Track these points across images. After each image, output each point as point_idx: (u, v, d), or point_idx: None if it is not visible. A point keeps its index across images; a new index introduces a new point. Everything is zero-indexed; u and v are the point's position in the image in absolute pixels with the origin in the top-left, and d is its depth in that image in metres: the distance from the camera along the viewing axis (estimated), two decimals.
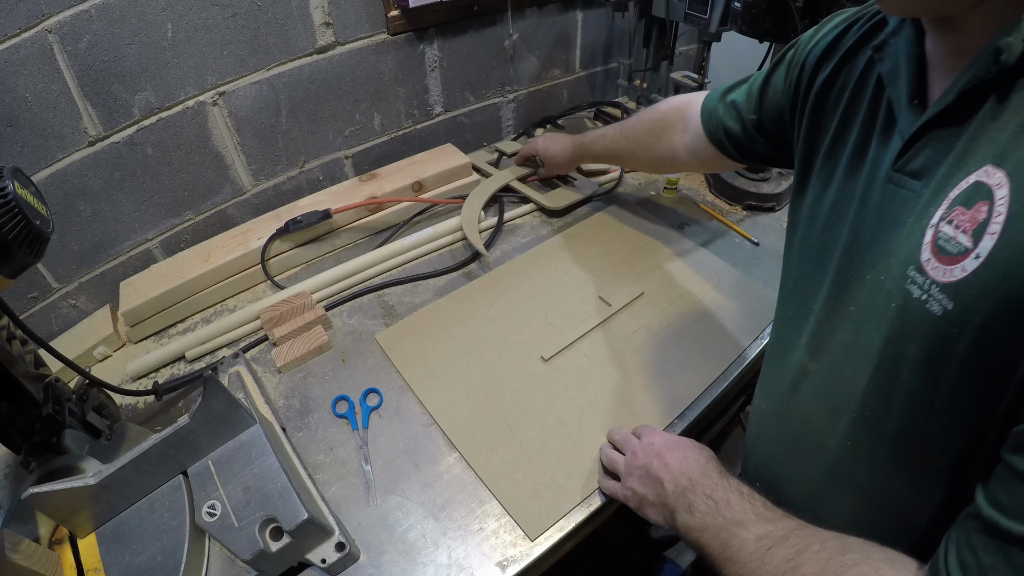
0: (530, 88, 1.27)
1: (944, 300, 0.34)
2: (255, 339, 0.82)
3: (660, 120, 0.83)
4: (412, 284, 0.91)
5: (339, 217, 0.95)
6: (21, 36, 0.68)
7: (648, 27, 1.13)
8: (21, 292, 0.80)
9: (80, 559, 0.56)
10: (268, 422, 0.66)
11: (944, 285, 0.34)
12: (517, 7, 1.12)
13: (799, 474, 0.53)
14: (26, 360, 0.56)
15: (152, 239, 0.92)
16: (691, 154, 0.78)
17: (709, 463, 0.53)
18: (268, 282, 0.92)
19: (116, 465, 0.55)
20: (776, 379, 0.55)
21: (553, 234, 0.99)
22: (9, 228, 0.44)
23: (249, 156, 0.96)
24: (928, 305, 0.35)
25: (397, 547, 0.58)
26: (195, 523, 0.56)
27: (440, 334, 0.80)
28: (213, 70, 0.85)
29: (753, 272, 0.90)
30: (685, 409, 0.70)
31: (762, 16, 0.81)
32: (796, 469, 0.53)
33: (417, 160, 1.07)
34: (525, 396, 0.72)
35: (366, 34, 0.98)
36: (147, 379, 0.79)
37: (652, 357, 0.76)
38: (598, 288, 0.86)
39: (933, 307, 0.35)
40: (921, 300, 0.36)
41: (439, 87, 1.13)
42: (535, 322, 0.81)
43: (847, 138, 0.48)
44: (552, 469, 0.64)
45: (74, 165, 0.79)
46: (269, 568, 0.54)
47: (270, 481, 0.57)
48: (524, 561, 0.57)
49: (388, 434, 0.69)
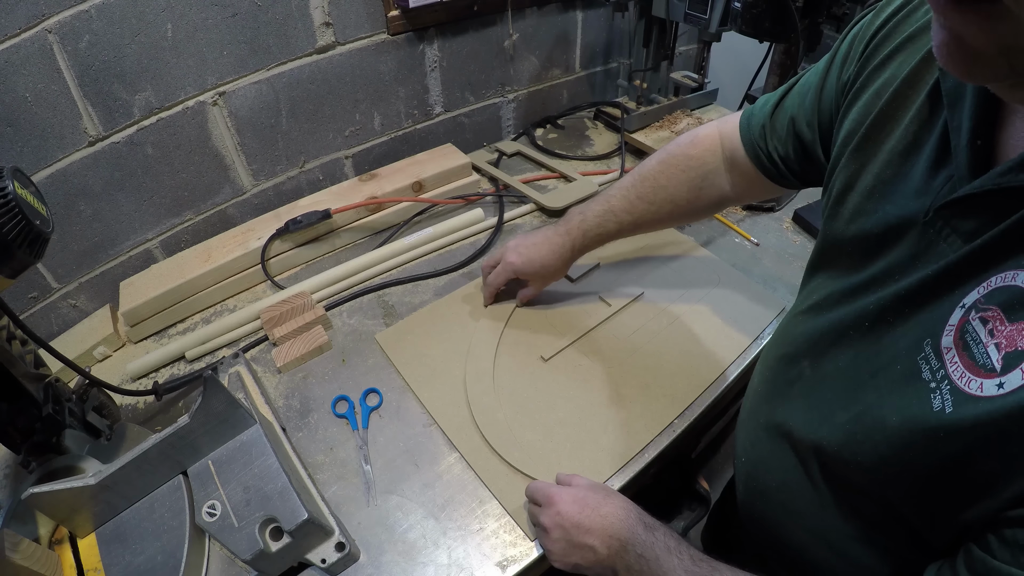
0: (530, 88, 1.27)
1: (949, 401, 0.32)
2: (255, 339, 0.82)
3: (696, 168, 0.67)
4: (412, 284, 0.91)
5: (339, 217, 0.95)
6: (21, 36, 0.68)
7: (648, 27, 1.13)
8: (21, 292, 0.80)
9: (80, 559, 0.56)
10: (268, 422, 0.66)
11: (956, 389, 0.32)
12: (517, 7, 1.12)
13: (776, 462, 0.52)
14: (26, 360, 0.56)
15: (152, 239, 0.92)
16: (742, 191, 0.67)
17: (629, 516, 0.51)
18: (268, 282, 0.92)
19: (116, 465, 0.55)
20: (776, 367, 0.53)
21: None
22: (9, 228, 0.44)
23: (249, 156, 0.96)
24: (932, 394, 0.33)
25: (397, 547, 0.58)
26: (195, 523, 0.56)
27: (440, 334, 0.80)
28: (213, 70, 0.85)
29: (753, 272, 0.90)
30: (685, 409, 0.70)
31: (762, 16, 0.81)
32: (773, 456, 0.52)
33: (417, 160, 1.07)
34: (525, 396, 0.72)
35: (366, 34, 0.98)
36: (147, 379, 0.79)
37: (652, 357, 0.76)
38: (598, 288, 0.86)
39: (935, 399, 0.33)
40: (927, 383, 0.34)
41: (439, 87, 1.13)
42: (535, 322, 0.81)
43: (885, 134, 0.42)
44: (552, 469, 0.64)
45: (74, 165, 0.79)
46: (269, 568, 0.54)
47: (270, 481, 0.57)
48: (524, 561, 0.57)
49: (388, 434, 0.69)
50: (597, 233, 0.73)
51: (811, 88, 0.54)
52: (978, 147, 0.34)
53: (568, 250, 0.75)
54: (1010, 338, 0.30)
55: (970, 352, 0.32)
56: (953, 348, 0.33)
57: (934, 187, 0.37)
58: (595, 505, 0.52)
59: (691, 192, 0.68)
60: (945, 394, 0.33)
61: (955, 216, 0.35)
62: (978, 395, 0.31)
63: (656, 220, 0.72)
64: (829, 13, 0.84)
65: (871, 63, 0.45)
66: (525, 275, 0.78)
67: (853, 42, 0.48)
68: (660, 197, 0.69)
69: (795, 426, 0.47)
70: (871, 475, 0.39)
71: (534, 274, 0.77)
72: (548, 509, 0.53)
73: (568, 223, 0.75)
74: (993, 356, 0.31)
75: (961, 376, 0.32)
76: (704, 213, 0.73)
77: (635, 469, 0.65)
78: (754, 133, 0.60)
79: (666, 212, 0.70)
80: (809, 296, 0.50)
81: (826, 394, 0.44)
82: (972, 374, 0.32)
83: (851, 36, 0.49)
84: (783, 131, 0.57)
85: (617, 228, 0.73)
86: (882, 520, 0.41)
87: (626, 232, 0.74)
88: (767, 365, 0.56)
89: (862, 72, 0.46)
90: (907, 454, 0.35)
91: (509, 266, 0.77)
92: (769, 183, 0.62)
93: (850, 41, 0.49)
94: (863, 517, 0.43)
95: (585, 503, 0.52)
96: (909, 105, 0.41)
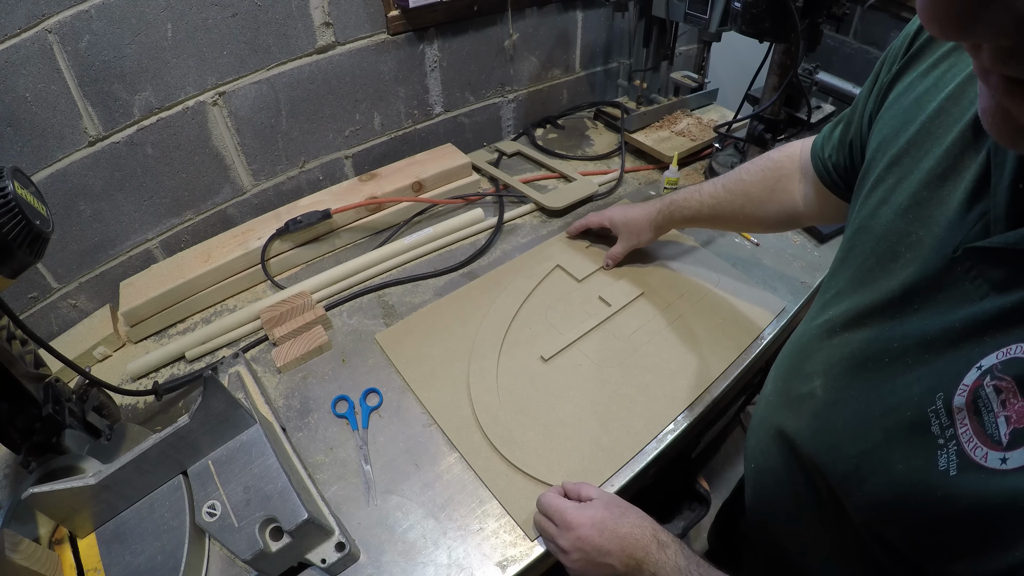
0: (530, 88, 1.27)
1: (955, 464, 0.32)
2: (255, 339, 0.82)
3: (773, 169, 0.70)
4: (412, 284, 0.91)
5: (339, 217, 0.95)
6: (21, 36, 0.68)
7: (648, 27, 1.13)
8: (21, 292, 0.80)
9: (80, 559, 0.56)
10: (268, 422, 0.66)
11: (963, 452, 0.32)
12: (517, 7, 1.12)
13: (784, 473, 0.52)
14: (26, 360, 0.56)
15: (152, 239, 0.92)
16: (811, 204, 0.67)
17: (645, 534, 0.52)
18: (268, 282, 0.92)
19: (116, 465, 0.55)
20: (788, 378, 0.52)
21: (553, 234, 0.99)
22: (9, 228, 0.44)
23: (249, 156, 0.96)
24: (939, 451, 0.33)
25: (397, 547, 0.58)
26: (195, 523, 0.56)
27: (440, 334, 0.80)
28: (213, 70, 0.85)
29: (753, 272, 0.90)
30: (685, 409, 0.70)
31: (762, 16, 0.81)
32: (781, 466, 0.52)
33: (417, 160, 1.07)
34: (525, 396, 0.72)
35: (366, 34, 0.98)
36: (147, 379, 0.79)
37: (652, 357, 0.76)
38: (598, 288, 0.86)
39: (941, 458, 0.33)
40: (935, 439, 0.33)
41: (439, 87, 1.13)
42: (535, 322, 0.81)
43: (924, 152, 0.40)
44: (552, 469, 0.64)
45: (74, 165, 0.78)
46: (269, 568, 0.54)
47: (270, 481, 0.57)
48: (524, 561, 0.57)
49: (388, 434, 0.69)
50: (681, 207, 0.81)
51: (862, 92, 0.53)
52: (1020, 191, 0.32)
53: (655, 213, 0.84)
54: (1020, 413, 0.29)
55: (980, 419, 0.31)
56: (965, 410, 0.32)
57: (969, 220, 0.35)
58: (614, 527, 0.53)
59: (764, 190, 0.71)
60: (952, 455, 0.32)
61: (984, 262, 0.34)
62: (982, 464, 0.31)
63: (731, 212, 0.75)
64: (829, 13, 0.84)
65: (913, 65, 0.44)
66: (615, 226, 0.88)
67: (900, 42, 0.46)
68: (739, 189, 0.74)
69: (802, 443, 0.47)
70: (869, 511, 0.39)
71: (623, 226, 0.87)
72: (567, 533, 0.54)
73: (663, 197, 0.85)
74: (1002, 429, 0.30)
75: (969, 440, 0.32)
76: (775, 219, 0.73)
77: (635, 469, 0.65)
78: (820, 141, 0.62)
79: (739, 205, 0.74)
80: (830, 305, 0.48)
81: (836, 422, 0.43)
82: (979, 441, 0.31)
83: (900, 36, 0.47)
84: (837, 138, 0.58)
85: (698, 207, 0.78)
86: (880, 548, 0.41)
87: (704, 215, 0.79)
88: (779, 374, 0.55)
89: (903, 73, 0.45)
90: (907, 502, 0.35)
91: (606, 215, 0.89)
92: (835, 199, 0.61)
93: (899, 41, 0.47)
94: (862, 541, 0.42)
95: (604, 527, 0.53)
96: (952, 124, 0.38)
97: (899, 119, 0.44)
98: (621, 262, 0.90)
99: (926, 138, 0.40)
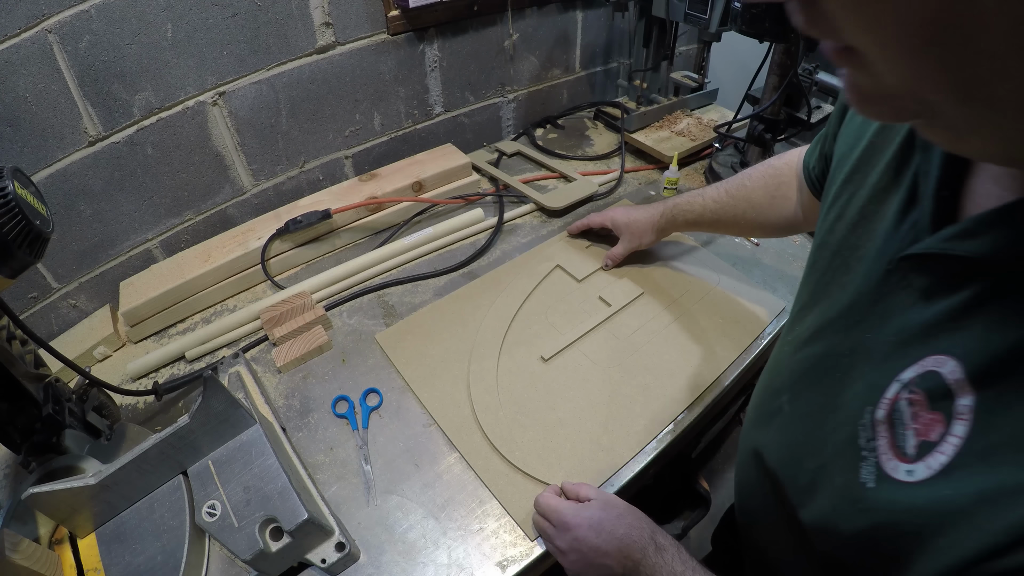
0: (530, 88, 1.27)
1: (872, 477, 0.33)
2: (255, 339, 0.82)
3: (774, 176, 0.71)
4: (412, 284, 0.91)
5: (339, 217, 0.95)
6: (21, 36, 0.68)
7: (648, 27, 1.13)
8: (21, 292, 0.80)
9: (80, 559, 0.56)
10: (268, 422, 0.66)
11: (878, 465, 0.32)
12: (517, 7, 1.12)
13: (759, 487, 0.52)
14: (26, 360, 0.56)
15: (152, 239, 0.92)
16: (807, 212, 0.67)
17: (643, 536, 0.52)
18: (268, 282, 0.92)
19: (116, 465, 0.55)
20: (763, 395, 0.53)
21: (553, 234, 0.99)
22: (9, 228, 0.44)
23: (249, 156, 0.96)
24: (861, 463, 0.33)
25: (397, 547, 0.58)
26: (195, 523, 0.56)
27: (440, 334, 0.80)
28: (213, 70, 0.85)
29: (753, 272, 0.90)
30: (685, 409, 0.70)
31: (762, 16, 0.81)
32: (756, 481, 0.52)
33: (417, 160, 1.07)
34: (525, 396, 0.72)
35: (366, 34, 0.98)
36: (147, 379, 0.79)
37: (652, 357, 0.76)
38: (598, 288, 0.86)
39: (863, 470, 0.33)
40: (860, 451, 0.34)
41: (439, 87, 1.13)
42: (535, 322, 0.81)
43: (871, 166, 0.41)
44: (552, 469, 0.64)
45: (74, 165, 0.78)
46: (269, 568, 0.54)
47: (270, 481, 0.57)
48: (524, 561, 0.57)
49: (388, 434, 0.69)
50: (684, 210, 0.81)
51: (837, 104, 0.53)
52: (944, 198, 0.32)
53: (658, 216, 0.84)
54: (926, 426, 0.30)
55: (894, 432, 0.32)
56: (884, 423, 0.33)
57: (902, 231, 0.35)
58: (611, 528, 0.53)
59: (766, 197, 0.72)
60: (872, 468, 0.33)
61: (911, 270, 0.34)
62: (893, 476, 0.31)
63: (734, 217, 0.76)
64: None
65: None
66: (617, 227, 0.88)
67: None
68: (741, 194, 0.74)
69: (768, 457, 0.47)
70: (816, 524, 0.39)
71: (625, 227, 0.87)
72: (564, 534, 0.54)
73: (666, 200, 0.84)
74: (910, 442, 0.31)
75: (883, 453, 0.32)
76: (776, 226, 0.73)
77: (635, 469, 0.65)
78: (808, 151, 0.62)
79: (741, 211, 0.74)
80: (796, 320, 0.49)
81: (798, 436, 0.44)
82: (892, 454, 0.32)
83: None
84: (818, 150, 0.59)
85: (700, 212, 0.78)
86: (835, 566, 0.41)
87: (707, 220, 0.79)
88: (758, 392, 0.55)
89: None
90: (840, 516, 0.36)
91: (608, 215, 0.89)
92: None
93: None
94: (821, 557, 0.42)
95: (602, 528, 0.53)
96: (894, 138, 0.39)
97: (853, 135, 0.44)
98: (621, 262, 0.90)
99: (873, 153, 0.41)
